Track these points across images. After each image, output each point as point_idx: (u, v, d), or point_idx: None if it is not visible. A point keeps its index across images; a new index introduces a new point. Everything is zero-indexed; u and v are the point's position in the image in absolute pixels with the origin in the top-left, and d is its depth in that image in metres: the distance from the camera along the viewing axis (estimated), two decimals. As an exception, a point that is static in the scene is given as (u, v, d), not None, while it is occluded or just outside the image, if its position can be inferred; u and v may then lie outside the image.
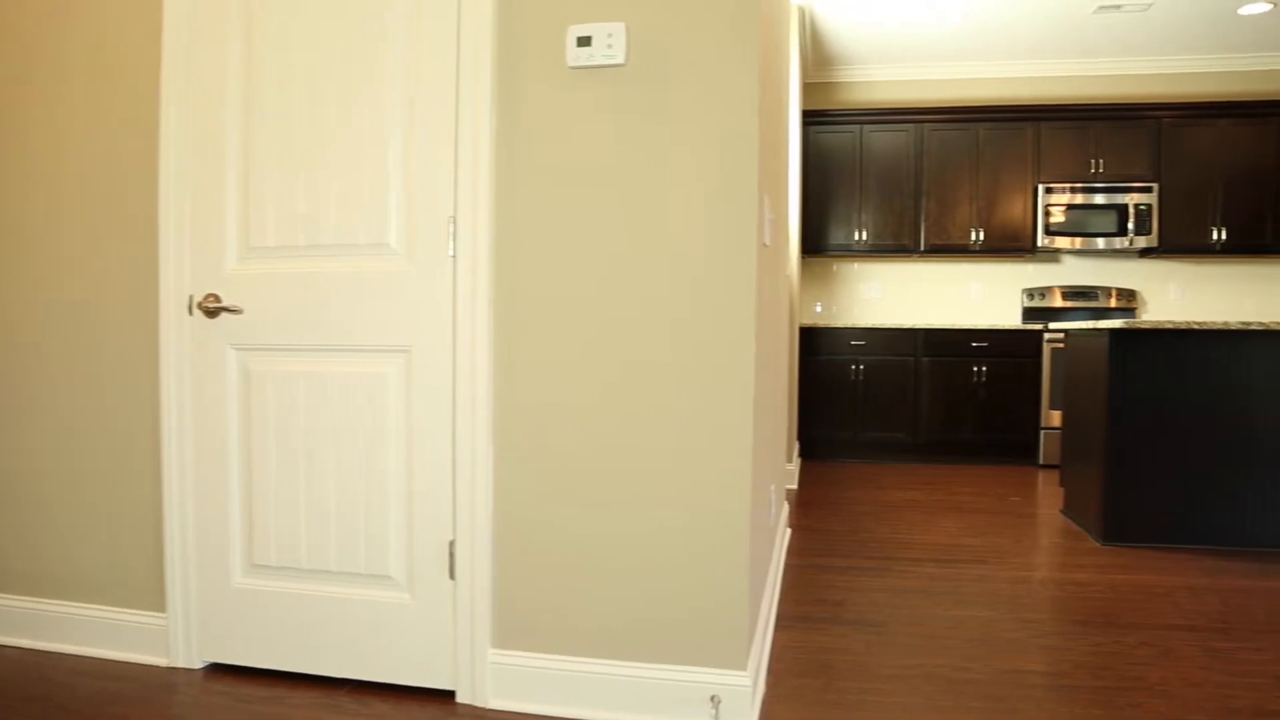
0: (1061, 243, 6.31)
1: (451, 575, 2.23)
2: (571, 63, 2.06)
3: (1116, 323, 3.83)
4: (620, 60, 2.04)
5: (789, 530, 4.02)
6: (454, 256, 2.18)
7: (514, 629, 2.20)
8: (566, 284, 2.12)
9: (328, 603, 2.32)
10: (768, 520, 2.74)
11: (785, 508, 4.01)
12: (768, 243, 2.32)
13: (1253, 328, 3.74)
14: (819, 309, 6.97)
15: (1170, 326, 3.78)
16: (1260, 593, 3.20)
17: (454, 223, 2.17)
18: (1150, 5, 5.56)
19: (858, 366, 6.22)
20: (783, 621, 2.85)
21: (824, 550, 3.75)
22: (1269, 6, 5.57)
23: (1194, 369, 3.86)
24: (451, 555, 2.23)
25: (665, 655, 2.10)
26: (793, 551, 3.72)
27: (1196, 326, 3.76)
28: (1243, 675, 2.44)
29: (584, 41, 2.05)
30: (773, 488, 2.83)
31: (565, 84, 2.09)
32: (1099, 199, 6.24)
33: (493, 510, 2.19)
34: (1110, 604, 3.06)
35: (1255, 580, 3.36)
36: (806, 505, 4.72)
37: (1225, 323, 3.75)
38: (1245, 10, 5.64)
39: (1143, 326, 3.79)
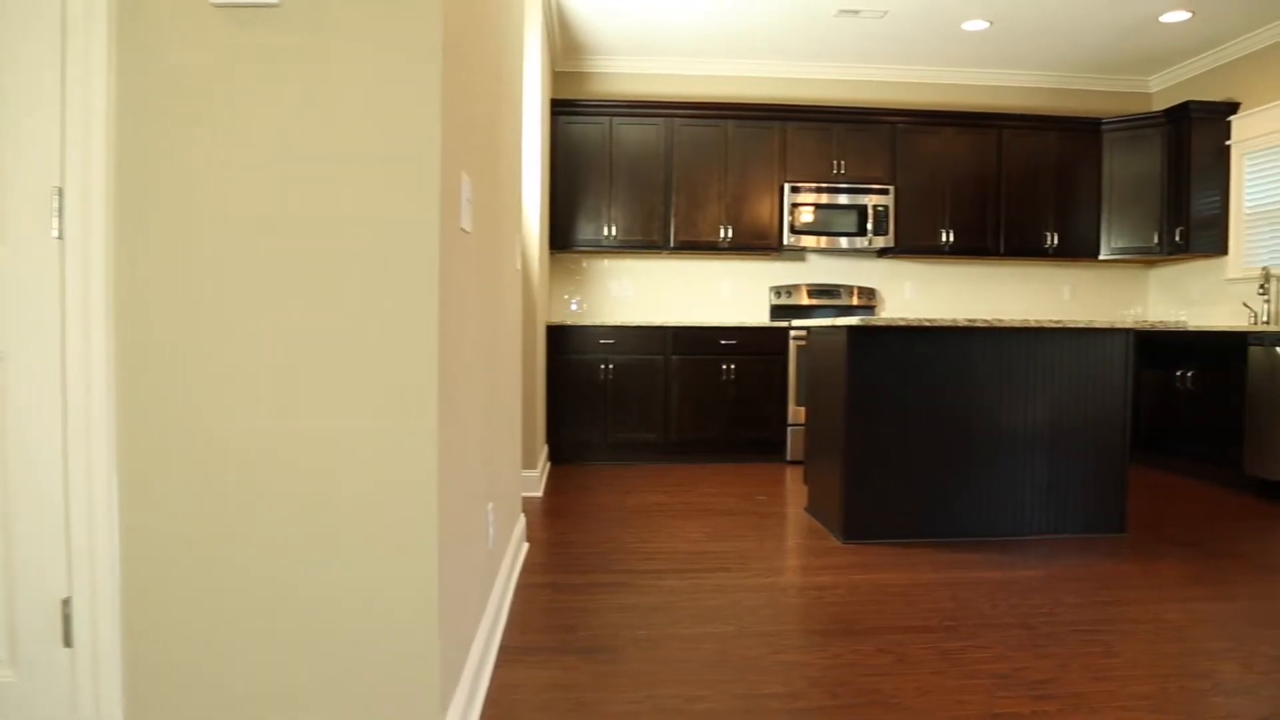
0: (807, 241, 6.41)
1: (68, 642, 1.76)
2: (214, -3, 1.66)
3: (853, 320, 3.81)
4: (274, -3, 1.65)
5: (526, 545, 3.73)
6: (61, 239, 1.70)
7: (154, 701, 1.75)
8: (207, 274, 1.68)
9: (-102, 686, 1.78)
10: (484, 545, 2.43)
11: (522, 521, 3.71)
12: (468, 228, 2.00)
13: (977, 325, 3.83)
14: (575, 306, 6.74)
15: (902, 324, 3.81)
16: (984, 585, 3.26)
17: (60, 196, 1.70)
18: (885, 14, 5.73)
19: (607, 366, 6.03)
20: (507, 655, 2.54)
21: (563, 566, 3.48)
22: (987, 24, 5.88)
23: (924, 366, 3.92)
24: (66, 617, 1.76)
25: (340, 723, 1.74)
26: (529, 569, 3.42)
27: (927, 324, 3.81)
28: (970, 677, 2.42)
29: (228, -30, 1.65)
30: (490, 506, 2.52)
31: (208, 25, 1.66)
32: (842, 199, 6.39)
33: (120, 555, 1.73)
34: (849, 608, 2.99)
35: (979, 572, 3.43)
36: (551, 515, 4.45)
37: (953, 320, 3.82)
38: (967, 26, 5.94)
39: (877, 324, 3.79)
